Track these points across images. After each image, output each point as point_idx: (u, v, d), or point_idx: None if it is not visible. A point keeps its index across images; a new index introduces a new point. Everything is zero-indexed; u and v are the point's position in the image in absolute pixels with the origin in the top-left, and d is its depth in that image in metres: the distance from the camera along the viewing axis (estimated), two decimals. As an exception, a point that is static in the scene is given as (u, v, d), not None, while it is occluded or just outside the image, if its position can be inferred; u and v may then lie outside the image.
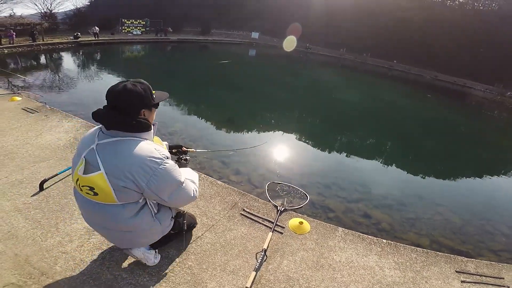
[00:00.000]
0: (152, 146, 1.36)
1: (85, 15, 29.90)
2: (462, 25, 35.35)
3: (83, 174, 1.31)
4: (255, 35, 42.01)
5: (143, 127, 1.37)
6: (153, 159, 1.31)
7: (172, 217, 1.70)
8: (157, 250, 1.81)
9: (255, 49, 34.19)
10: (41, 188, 2.39)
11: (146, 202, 1.47)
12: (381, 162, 6.52)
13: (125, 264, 1.83)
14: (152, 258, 1.76)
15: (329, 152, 6.40)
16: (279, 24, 41.60)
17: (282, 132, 7.15)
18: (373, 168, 6.16)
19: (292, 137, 6.96)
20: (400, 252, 2.44)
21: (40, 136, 3.39)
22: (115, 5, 41.03)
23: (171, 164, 1.40)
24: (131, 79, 1.40)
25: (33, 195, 2.36)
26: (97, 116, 1.31)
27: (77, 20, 27.14)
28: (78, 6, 32.99)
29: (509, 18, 34.48)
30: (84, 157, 1.32)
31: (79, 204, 1.48)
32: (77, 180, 1.35)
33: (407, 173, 6.45)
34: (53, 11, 25.98)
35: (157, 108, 1.51)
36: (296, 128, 7.61)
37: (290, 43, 35.50)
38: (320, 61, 30.92)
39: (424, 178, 6.25)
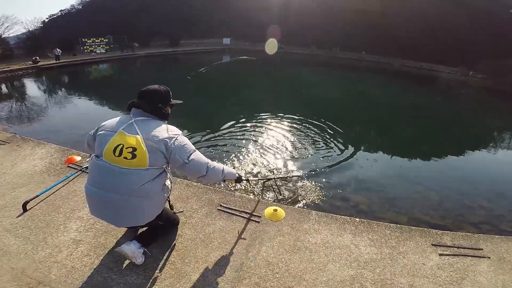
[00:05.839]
0: (171, 125, 1.90)
1: (40, 37, 27.95)
2: (419, 12, 36.53)
3: (129, 134, 1.72)
4: (226, 41, 41.87)
5: (165, 116, 1.93)
6: (174, 131, 1.84)
7: (168, 195, 2.01)
8: (144, 250, 1.96)
9: (229, 55, 33.89)
10: (25, 209, 2.49)
11: (164, 170, 1.85)
12: (359, 149, 6.61)
13: (113, 267, 1.96)
14: (140, 256, 1.92)
15: (310, 144, 6.53)
16: (250, 29, 41.79)
17: (266, 130, 7.31)
18: (352, 155, 6.21)
19: (273, 134, 7.10)
20: (374, 229, 2.50)
21: (15, 165, 3.39)
22: (71, 25, 38.55)
23: (184, 137, 1.88)
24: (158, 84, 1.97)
25: (18, 216, 2.46)
26: (137, 105, 1.84)
27: (32, 43, 25.39)
28: (31, 29, 29.95)
29: (460, 2, 35.93)
30: (122, 129, 1.74)
31: (100, 174, 1.73)
32: (117, 146, 1.69)
33: (385, 155, 6.62)
34: (2, 36, 24.14)
35: (171, 108, 2.03)
36: (277, 125, 7.69)
37: (272, 46, 34.64)
38: (294, 60, 31.13)
39: (401, 159, 6.39)
